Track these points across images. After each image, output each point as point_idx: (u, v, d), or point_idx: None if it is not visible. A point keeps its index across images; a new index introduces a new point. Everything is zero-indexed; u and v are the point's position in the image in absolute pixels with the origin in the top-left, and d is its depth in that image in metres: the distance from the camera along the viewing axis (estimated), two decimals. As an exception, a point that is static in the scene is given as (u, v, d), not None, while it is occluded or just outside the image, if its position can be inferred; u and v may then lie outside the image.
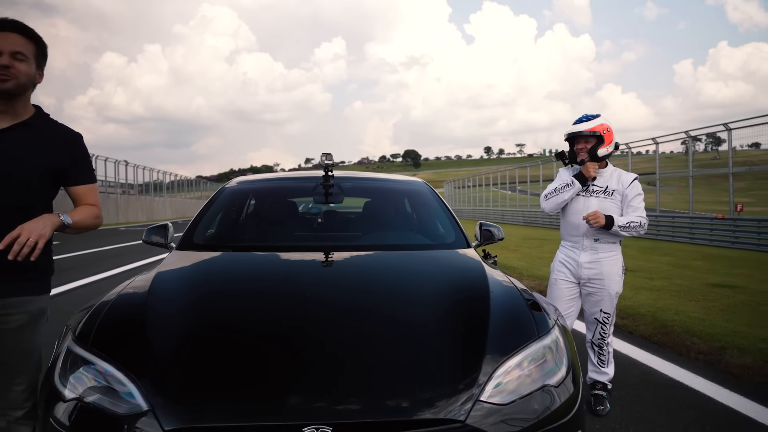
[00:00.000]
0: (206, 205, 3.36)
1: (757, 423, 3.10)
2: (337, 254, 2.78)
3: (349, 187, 3.62)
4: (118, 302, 2.14)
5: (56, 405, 1.74)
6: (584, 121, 3.40)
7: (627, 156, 21.28)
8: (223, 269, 2.66)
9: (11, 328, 1.97)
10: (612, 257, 3.37)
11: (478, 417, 1.66)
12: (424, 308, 2.19)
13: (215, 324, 2.06)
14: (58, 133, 2.10)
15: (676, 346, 4.70)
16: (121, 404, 1.66)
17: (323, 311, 2.17)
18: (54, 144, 2.07)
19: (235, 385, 1.73)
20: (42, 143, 2.03)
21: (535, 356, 1.91)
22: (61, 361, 1.87)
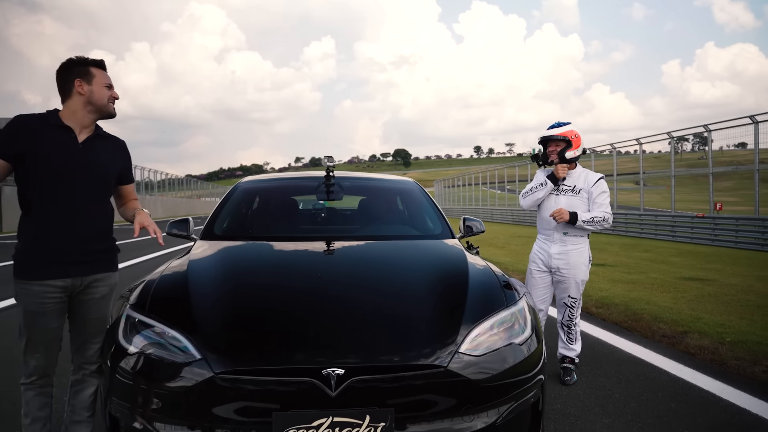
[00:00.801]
0: (222, 201, 3.82)
1: (702, 389, 3.58)
2: (339, 243, 3.25)
3: (348, 185, 4.10)
4: (163, 279, 2.60)
5: (122, 359, 2.19)
6: (556, 127, 3.89)
7: (612, 156, 21.90)
8: (245, 253, 3.12)
9: (96, 297, 2.45)
10: (579, 249, 3.85)
11: (457, 364, 2.13)
12: (414, 282, 2.67)
13: (246, 293, 2.54)
14: (117, 142, 2.60)
15: (643, 330, 5.19)
16: (178, 355, 2.11)
17: (332, 283, 2.67)
18: (119, 152, 2.58)
19: (267, 338, 2.20)
20: (114, 152, 2.54)
21: (504, 320, 2.38)
22: (122, 325, 2.32)
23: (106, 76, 2.44)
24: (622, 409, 3.28)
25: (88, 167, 2.39)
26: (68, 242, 2.34)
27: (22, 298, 2.33)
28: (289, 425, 1.94)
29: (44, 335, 2.33)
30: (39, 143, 2.30)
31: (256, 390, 2.01)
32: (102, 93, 2.40)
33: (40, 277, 2.29)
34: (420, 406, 2.06)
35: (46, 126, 2.34)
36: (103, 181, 2.47)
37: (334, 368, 2.00)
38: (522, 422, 2.29)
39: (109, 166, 2.50)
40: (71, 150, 2.35)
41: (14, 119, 2.35)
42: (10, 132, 2.29)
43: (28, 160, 2.29)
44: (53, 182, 2.31)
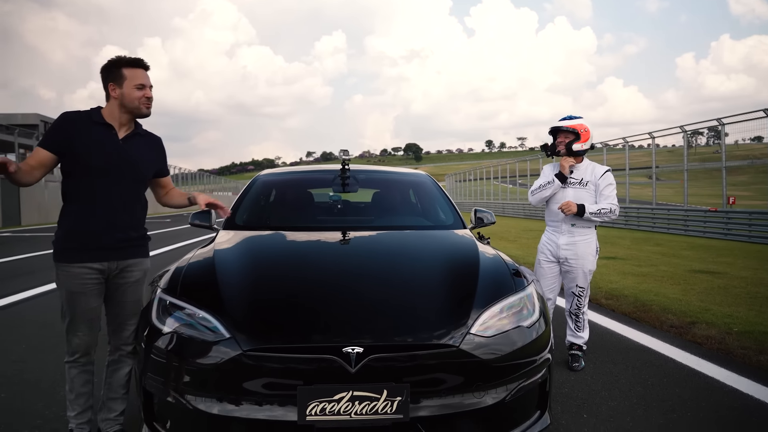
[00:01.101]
0: (243, 193, 3.98)
1: (707, 376, 3.69)
2: (355, 233, 3.40)
3: (362, 178, 4.24)
4: (191, 265, 2.76)
5: (156, 339, 2.35)
6: (568, 119, 4.00)
7: (624, 150, 21.82)
8: (267, 242, 3.28)
9: (131, 281, 2.61)
10: (586, 240, 3.96)
11: (468, 345, 2.26)
12: (427, 269, 2.82)
13: (270, 277, 2.71)
14: (154, 140, 2.76)
15: (652, 321, 5.29)
16: (208, 334, 2.26)
17: (349, 269, 2.84)
18: (156, 149, 2.75)
19: (291, 318, 2.36)
20: (151, 149, 2.70)
21: (513, 305, 2.52)
22: (155, 307, 2.48)
23: (140, 75, 2.54)
24: (628, 393, 3.40)
25: (126, 163, 2.55)
26: (105, 230, 2.51)
27: (63, 280, 2.49)
28: (313, 398, 2.08)
29: (85, 314, 2.49)
30: (82, 139, 2.46)
31: (281, 366, 2.16)
32: (132, 95, 2.52)
33: (79, 260, 2.47)
34: (433, 382, 2.20)
35: (89, 123, 2.51)
36: (139, 177, 2.64)
37: (353, 347, 2.15)
38: (529, 400, 2.43)
39: (145, 163, 2.67)
40: (111, 147, 2.52)
41: (61, 116, 2.52)
42: (57, 127, 2.48)
43: (72, 155, 2.47)
44: (94, 176, 2.48)
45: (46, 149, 2.45)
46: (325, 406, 2.08)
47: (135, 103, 2.54)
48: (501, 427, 2.32)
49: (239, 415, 2.15)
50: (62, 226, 2.53)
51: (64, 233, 2.50)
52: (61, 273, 2.50)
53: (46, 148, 2.45)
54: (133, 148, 2.60)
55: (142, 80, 2.55)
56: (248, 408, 2.14)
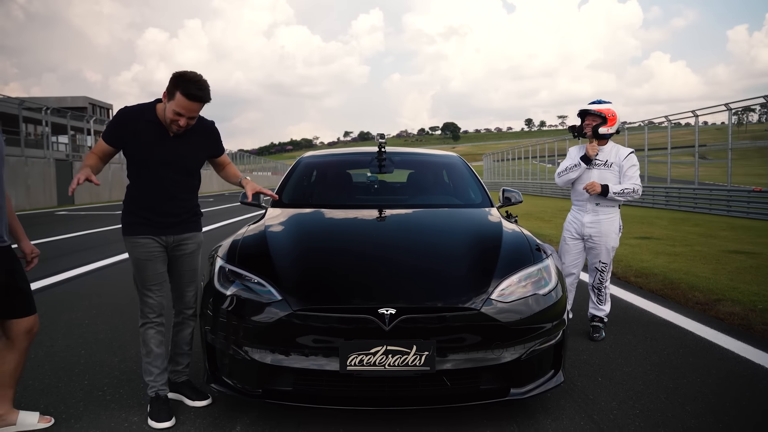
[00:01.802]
0: (288, 174, 4.36)
1: (723, 347, 3.89)
2: (390, 210, 3.73)
3: (398, 160, 4.58)
4: (246, 238, 3.15)
5: (219, 301, 2.73)
6: (597, 103, 4.19)
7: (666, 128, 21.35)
8: (312, 218, 3.65)
9: (188, 253, 2.99)
10: (610, 218, 4.18)
11: (488, 309, 2.57)
12: (454, 242, 3.14)
13: (315, 248, 3.09)
14: (206, 126, 2.99)
15: (678, 298, 5.45)
16: (263, 297, 2.63)
17: (384, 242, 3.19)
18: (207, 136, 3.00)
19: (334, 284, 2.73)
20: (201, 137, 2.95)
21: (531, 275, 2.81)
22: (216, 274, 2.87)
23: (184, 105, 2.66)
24: (643, 361, 3.65)
25: (176, 158, 2.85)
26: (162, 211, 2.86)
27: (133, 250, 2.86)
28: (352, 351, 2.43)
29: (155, 278, 2.88)
30: (138, 134, 2.77)
31: (325, 324, 2.52)
32: (169, 115, 2.71)
33: (143, 233, 2.84)
34: (457, 340, 2.53)
35: (143, 121, 2.79)
36: (189, 166, 2.94)
37: (387, 308, 2.48)
38: (545, 359, 2.72)
39: (195, 154, 2.94)
40: (162, 145, 2.81)
41: (119, 112, 2.84)
42: (116, 124, 2.80)
43: (130, 147, 2.80)
44: (150, 166, 2.80)
45: (107, 143, 2.80)
46: (362, 358, 2.43)
47: (167, 122, 2.75)
48: (517, 381, 2.63)
49: (288, 364, 2.52)
50: (127, 205, 2.90)
51: (130, 211, 2.87)
52: (130, 244, 2.87)
53: (107, 142, 2.80)
54: (182, 144, 2.85)
55: (183, 110, 2.67)
56: (296, 359, 2.51)
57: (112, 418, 2.82)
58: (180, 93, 2.65)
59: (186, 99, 2.65)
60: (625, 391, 3.14)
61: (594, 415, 2.83)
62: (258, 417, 2.80)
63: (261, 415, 2.81)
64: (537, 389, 2.67)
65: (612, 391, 3.13)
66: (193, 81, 2.66)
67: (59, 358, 3.73)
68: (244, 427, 2.71)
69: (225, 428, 2.70)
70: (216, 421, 2.78)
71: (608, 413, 2.84)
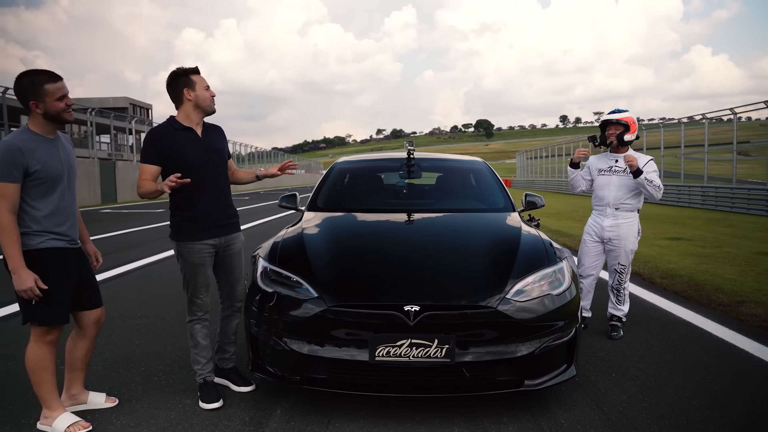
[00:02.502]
0: (323, 179, 4.71)
1: (737, 347, 4.04)
2: (419, 215, 4.01)
3: (426, 165, 4.87)
4: (286, 240, 3.48)
5: (261, 297, 3.06)
6: (617, 113, 4.38)
7: (704, 125, 20.97)
8: (345, 222, 3.97)
9: (235, 252, 3.31)
10: (629, 222, 4.36)
11: (504, 307, 2.83)
12: (475, 245, 3.41)
13: (348, 250, 3.41)
14: (217, 128, 3.32)
15: (701, 299, 5.56)
16: (301, 294, 2.94)
17: (411, 245, 3.50)
18: (223, 138, 3.32)
19: (364, 283, 3.04)
20: (220, 137, 3.28)
21: (546, 276, 3.05)
22: (259, 273, 3.20)
23: (203, 79, 3.08)
24: (657, 359, 3.83)
25: (212, 154, 3.17)
26: (213, 213, 3.16)
27: (186, 255, 3.14)
28: (380, 344, 2.72)
29: (205, 280, 3.20)
30: (175, 145, 3.07)
31: (356, 319, 2.81)
32: (204, 95, 3.07)
33: (198, 239, 3.13)
34: (475, 335, 2.79)
35: (173, 131, 3.10)
36: (223, 162, 3.25)
37: (412, 306, 2.76)
38: (558, 354, 2.96)
39: (223, 149, 3.27)
40: (198, 144, 3.12)
41: (150, 132, 3.16)
42: (152, 143, 3.09)
43: (172, 159, 3.07)
44: (192, 170, 3.04)
45: (151, 164, 3.06)
46: (389, 350, 2.71)
47: (208, 102, 3.09)
48: (531, 374, 2.87)
49: (323, 354, 2.82)
50: (177, 213, 3.15)
51: (183, 219, 3.13)
52: (183, 250, 3.14)
53: (150, 163, 3.06)
54: (211, 139, 3.20)
55: (206, 83, 3.10)
56: (330, 349, 2.81)
57: (168, 401, 3.17)
58: (194, 74, 3.07)
59: (198, 74, 3.10)
60: (636, 386, 3.34)
61: (604, 407, 3.05)
62: (296, 402, 3.12)
63: (298, 400, 3.13)
64: (550, 381, 2.91)
65: (624, 386, 3.34)
66: (185, 67, 3.11)
67: (117, 347, 4.13)
68: (284, 410, 3.03)
69: (266, 411, 3.03)
70: (258, 404, 3.11)
71: (618, 406, 3.06)
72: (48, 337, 2.76)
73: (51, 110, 2.64)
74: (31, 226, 2.65)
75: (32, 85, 2.60)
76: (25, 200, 2.63)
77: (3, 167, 2.53)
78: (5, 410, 3.05)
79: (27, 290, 2.57)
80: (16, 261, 2.56)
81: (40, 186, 2.64)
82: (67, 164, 2.78)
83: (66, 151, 2.81)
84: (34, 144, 2.63)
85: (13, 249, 2.56)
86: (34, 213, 2.65)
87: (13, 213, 2.58)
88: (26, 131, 2.67)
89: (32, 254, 2.63)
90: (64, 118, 2.69)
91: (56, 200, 2.72)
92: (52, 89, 2.62)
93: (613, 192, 4.35)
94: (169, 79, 3.12)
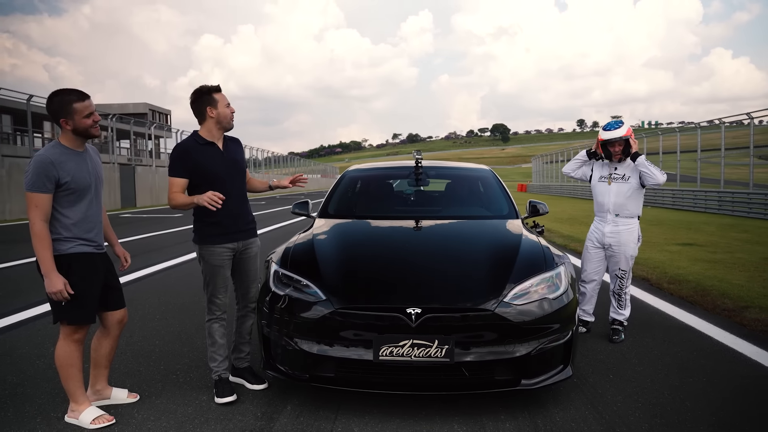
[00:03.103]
0: (334, 187, 4.91)
1: (736, 351, 4.14)
2: (426, 221, 4.19)
3: (433, 173, 5.04)
4: (297, 246, 3.67)
5: (273, 300, 3.25)
6: (614, 128, 4.45)
7: (720, 129, 20.83)
8: (354, 228, 4.16)
9: (251, 255, 3.52)
10: (629, 229, 4.48)
11: (502, 310, 2.98)
12: (476, 251, 3.58)
13: (356, 255, 3.59)
14: (236, 140, 3.56)
15: (707, 304, 5.63)
16: (311, 297, 3.13)
17: (416, 250, 3.67)
18: (241, 150, 3.57)
19: (369, 286, 3.22)
20: (239, 150, 3.54)
21: (543, 281, 3.20)
22: (272, 276, 3.39)
23: (224, 96, 3.34)
24: (656, 361, 3.95)
25: (232, 165, 3.41)
26: (232, 219, 3.39)
27: (208, 258, 3.38)
28: (384, 344, 2.89)
29: (225, 281, 3.42)
30: (198, 159, 3.31)
31: (362, 321, 2.99)
32: (225, 113, 3.34)
33: (220, 242, 3.36)
34: (474, 337, 2.95)
35: (198, 146, 3.35)
36: (243, 172, 3.51)
37: (414, 308, 2.93)
38: (555, 355, 3.10)
39: (242, 161, 3.52)
40: (220, 157, 3.37)
41: (176, 147, 3.41)
42: (178, 158, 3.33)
43: (197, 171, 3.31)
44: (214, 180, 3.30)
45: (179, 176, 3.30)
46: (392, 350, 2.88)
47: (228, 119, 3.36)
48: (528, 373, 3.02)
49: (331, 354, 3.00)
50: (201, 219, 3.37)
51: (205, 224, 3.36)
52: (205, 253, 3.38)
53: (178, 176, 3.30)
54: (231, 152, 3.45)
55: (227, 100, 3.36)
56: (337, 349, 2.99)
57: (185, 396, 3.38)
58: (215, 93, 3.32)
59: (220, 92, 3.34)
60: (632, 387, 3.47)
61: (599, 406, 3.18)
62: (305, 398, 3.30)
63: (308, 397, 3.31)
64: (546, 381, 3.06)
65: (620, 387, 3.47)
66: (208, 85, 3.34)
67: (138, 347, 4.35)
68: (294, 406, 3.21)
69: (277, 407, 3.21)
70: (270, 401, 3.30)
71: (612, 405, 3.19)
72: (76, 336, 2.98)
73: (79, 126, 2.87)
74: (62, 233, 2.88)
75: (62, 104, 2.83)
76: (56, 209, 2.85)
77: (37, 179, 2.76)
78: (35, 404, 3.27)
79: (57, 293, 2.79)
80: (48, 265, 2.78)
81: (70, 196, 2.87)
82: (95, 175, 3.01)
83: (93, 163, 3.04)
84: (65, 157, 2.86)
85: (46, 254, 2.79)
86: (65, 221, 2.88)
87: (45, 221, 2.81)
88: (57, 145, 2.90)
89: (62, 259, 2.86)
90: (91, 134, 2.92)
91: (84, 209, 2.94)
92: (80, 107, 2.85)
93: (613, 198, 4.48)
94: (192, 97, 3.37)
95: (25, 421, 3.04)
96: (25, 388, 3.51)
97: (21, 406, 3.24)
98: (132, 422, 3.05)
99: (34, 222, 2.78)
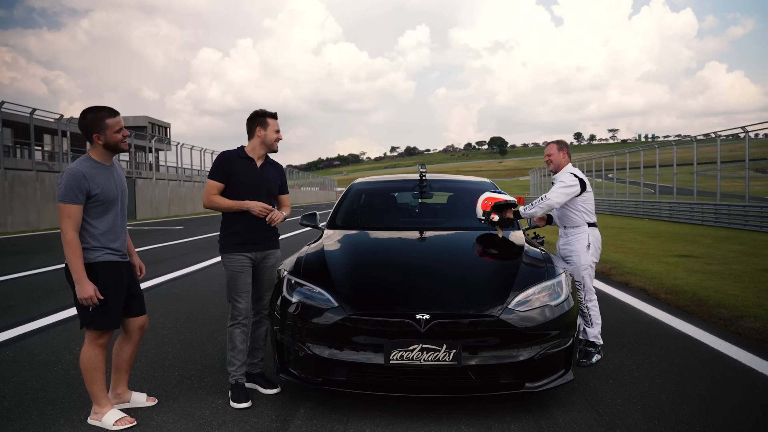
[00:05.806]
0: (341, 199, 5.10)
1: (731, 358, 4.28)
2: (430, 232, 4.35)
3: (437, 186, 5.23)
4: (309, 255, 3.83)
5: (287, 307, 3.40)
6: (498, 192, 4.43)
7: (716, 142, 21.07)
8: (363, 239, 4.34)
9: (269, 265, 3.70)
10: (577, 237, 4.41)
11: (506, 316, 3.13)
12: (480, 260, 3.77)
13: (366, 264, 3.76)
14: (278, 166, 3.81)
15: (703, 314, 5.77)
16: (323, 304, 3.28)
17: (422, 259, 3.85)
18: (279, 172, 3.80)
19: (379, 293, 3.38)
20: (276, 172, 3.76)
21: (545, 288, 3.36)
22: (285, 284, 3.55)
23: (277, 124, 3.65)
24: (654, 367, 4.09)
25: (262, 183, 3.63)
26: (253, 230, 3.58)
27: (228, 264, 3.58)
28: (394, 348, 3.04)
29: (245, 287, 3.59)
30: (235, 169, 3.57)
31: (373, 327, 3.14)
32: (272, 137, 3.62)
33: (239, 251, 3.56)
34: (479, 341, 3.10)
35: (238, 158, 3.61)
36: (271, 192, 3.71)
37: (423, 314, 3.08)
38: (557, 360, 3.25)
39: (274, 183, 3.73)
40: (253, 172, 3.61)
41: (220, 154, 3.65)
42: (220, 165, 3.58)
43: (231, 181, 3.57)
44: (243, 193, 3.55)
45: (217, 180, 3.56)
46: (402, 354, 3.03)
47: (272, 142, 3.64)
48: (531, 377, 3.17)
49: (342, 358, 3.15)
50: (225, 228, 3.62)
51: (229, 233, 3.60)
52: (227, 260, 3.59)
53: (216, 180, 3.56)
54: (266, 173, 3.68)
55: (278, 127, 3.67)
56: (349, 354, 3.14)
57: (201, 401, 3.51)
58: (269, 118, 3.62)
59: (274, 119, 3.65)
60: (631, 391, 3.62)
61: (599, 409, 3.33)
62: (318, 402, 3.44)
63: (320, 401, 3.45)
64: (548, 384, 3.20)
65: (619, 391, 3.61)
66: (267, 110, 3.65)
67: (152, 354, 4.48)
68: (307, 409, 3.35)
69: (291, 410, 3.35)
70: (284, 404, 3.44)
71: (612, 408, 3.34)
72: (100, 341, 3.13)
73: (110, 141, 3.04)
74: (90, 242, 3.03)
75: (95, 120, 3.01)
76: (85, 219, 3.01)
77: (69, 191, 2.93)
78: (57, 407, 3.40)
79: (88, 298, 2.95)
80: (79, 272, 2.94)
81: (98, 207, 3.03)
82: (121, 188, 3.18)
83: (119, 176, 3.20)
84: (95, 170, 3.03)
85: (77, 262, 2.94)
86: (93, 231, 3.04)
87: (77, 231, 2.97)
88: (88, 159, 3.07)
89: (90, 267, 3.01)
90: (121, 148, 3.10)
91: (111, 219, 3.11)
92: (112, 123, 3.03)
93: (556, 213, 4.59)
94: (250, 115, 3.67)
95: (50, 423, 3.17)
96: (47, 393, 3.64)
97: (44, 410, 3.37)
98: (152, 424, 3.18)
99: (67, 231, 2.93)
